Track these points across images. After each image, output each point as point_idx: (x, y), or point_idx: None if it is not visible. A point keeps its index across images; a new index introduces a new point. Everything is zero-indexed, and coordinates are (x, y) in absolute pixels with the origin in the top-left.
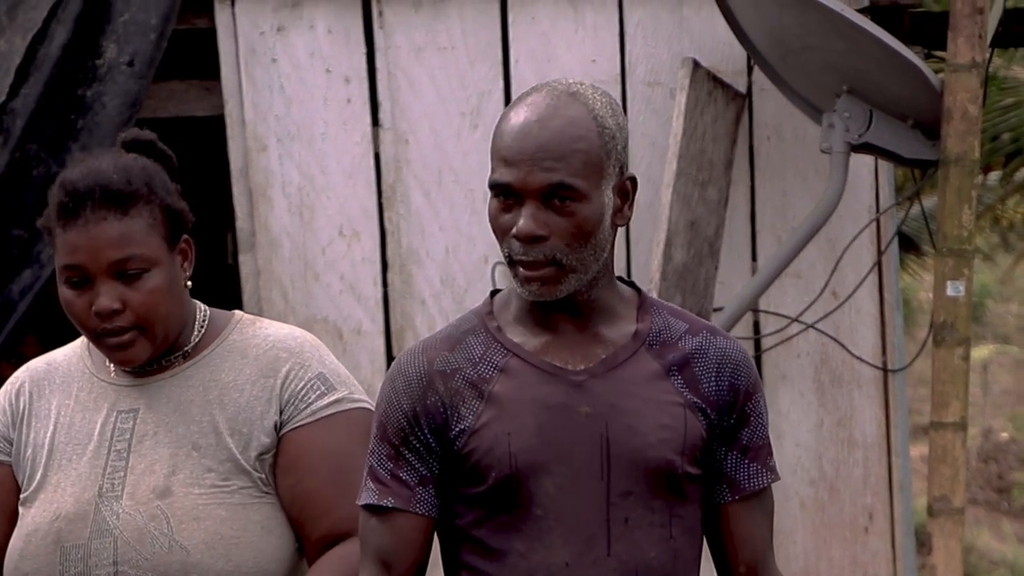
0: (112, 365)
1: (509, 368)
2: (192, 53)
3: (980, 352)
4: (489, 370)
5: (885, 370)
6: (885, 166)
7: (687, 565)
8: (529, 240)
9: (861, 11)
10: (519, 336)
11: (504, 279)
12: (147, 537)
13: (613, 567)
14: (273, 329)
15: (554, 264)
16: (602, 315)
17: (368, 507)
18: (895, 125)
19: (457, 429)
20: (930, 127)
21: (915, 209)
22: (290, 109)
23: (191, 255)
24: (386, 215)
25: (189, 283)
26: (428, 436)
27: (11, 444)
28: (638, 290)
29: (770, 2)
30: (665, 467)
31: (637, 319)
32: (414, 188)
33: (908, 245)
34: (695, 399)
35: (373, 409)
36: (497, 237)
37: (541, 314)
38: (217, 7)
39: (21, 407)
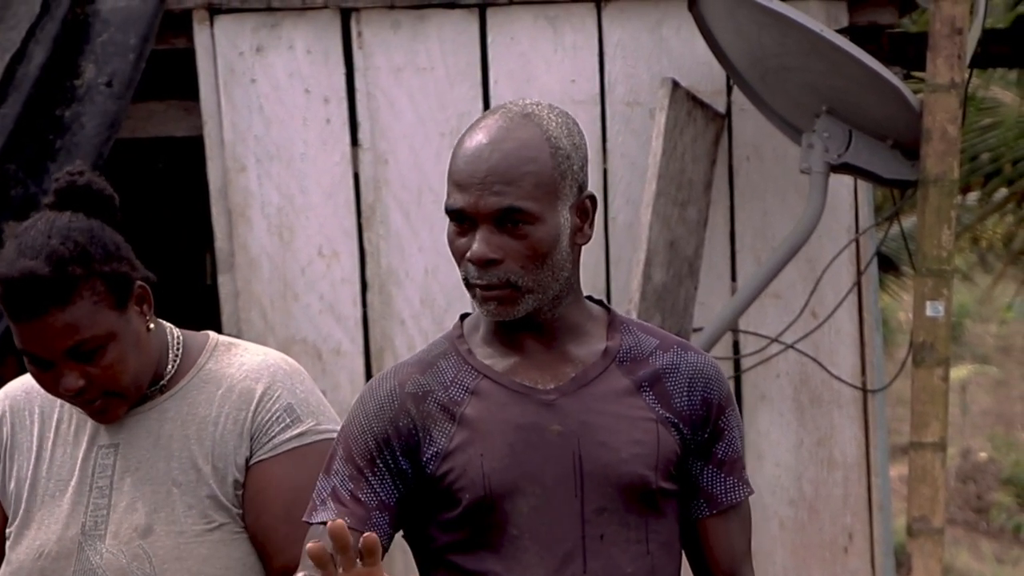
0: None
1: (480, 390)
2: (171, 73)
3: (959, 372)
4: (460, 392)
5: (864, 390)
6: (864, 186)
7: None
8: (483, 264)
9: (840, 31)
10: (489, 358)
11: None
12: None
13: None
14: (248, 357)
15: (509, 287)
16: (570, 333)
17: (324, 524)
18: (874, 145)
19: (430, 452)
20: (909, 147)
21: (894, 229)
22: (269, 129)
23: (149, 298)
24: (365, 235)
25: (152, 325)
26: (400, 459)
27: None
28: (607, 308)
29: (750, 22)
30: (639, 483)
31: (607, 337)
32: (393, 208)
33: (887, 265)
34: (667, 414)
35: None
36: (456, 260)
37: (508, 335)
38: (196, 27)
39: (4, 438)
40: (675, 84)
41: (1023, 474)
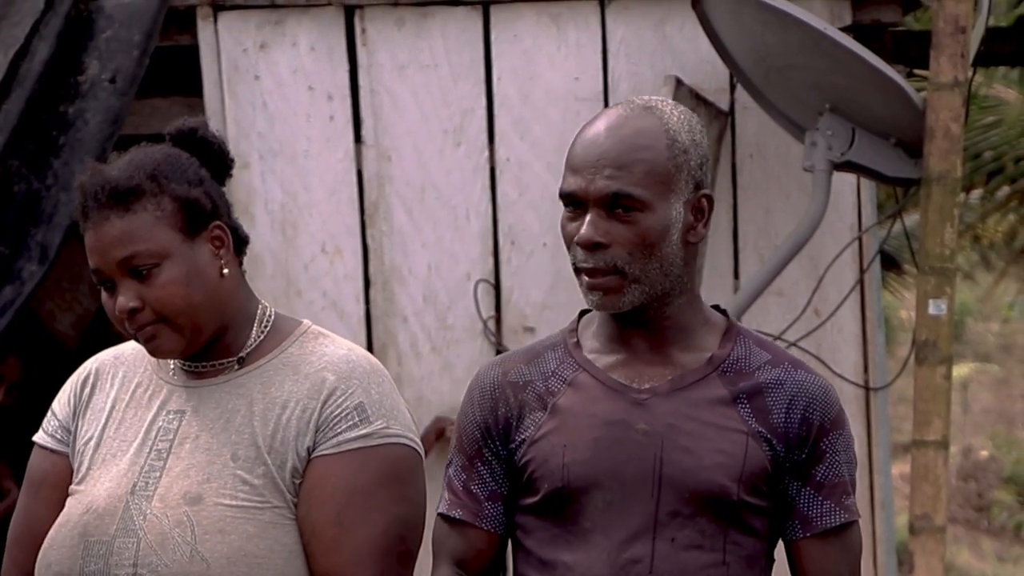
0: (172, 363)
1: (577, 382)
2: (175, 70)
3: (960, 370)
4: (558, 383)
5: (867, 388)
6: (867, 184)
7: None
8: (589, 247)
9: (844, 30)
10: (593, 352)
11: (485, 297)
12: (169, 543)
13: None
14: (331, 348)
15: (616, 273)
16: (679, 336)
17: (441, 515)
18: (877, 143)
19: (519, 439)
20: (912, 146)
21: (896, 227)
22: (273, 126)
23: (227, 240)
24: (368, 232)
25: (226, 271)
26: (500, 447)
27: (70, 434)
28: (728, 317)
29: (753, 20)
30: (717, 492)
31: (719, 345)
32: (397, 205)
33: (889, 263)
34: (761, 429)
35: (411, 444)
36: (566, 246)
37: (618, 331)
38: (200, 24)
39: (83, 399)
40: (678, 82)
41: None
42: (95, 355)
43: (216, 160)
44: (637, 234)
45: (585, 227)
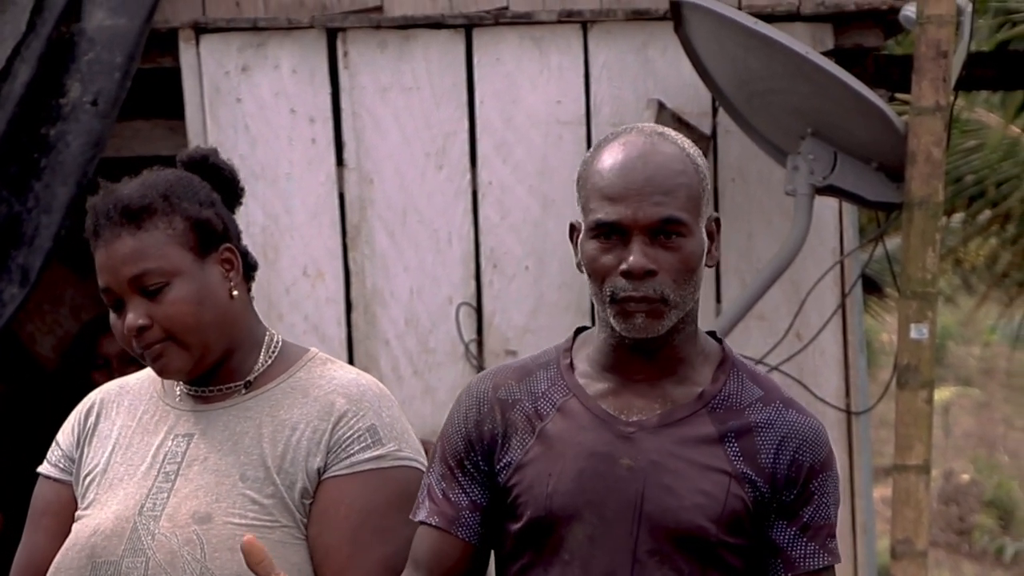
0: (178, 388)
1: (566, 408)
2: (156, 92)
3: (941, 394)
4: (547, 407)
5: (848, 412)
6: (849, 209)
7: None
8: (641, 275)
9: (826, 54)
10: (585, 377)
11: (467, 320)
12: (179, 561)
13: None
14: (340, 372)
15: (660, 300)
16: (676, 367)
17: (420, 521)
18: (859, 168)
19: (504, 460)
20: (894, 170)
21: (878, 251)
22: (255, 149)
23: (237, 263)
24: (350, 255)
25: (235, 293)
26: (481, 462)
27: (73, 463)
28: (723, 347)
29: (735, 44)
30: (696, 532)
31: (712, 379)
32: (378, 228)
33: (871, 287)
34: (746, 470)
35: (421, 468)
36: (595, 279)
37: (619, 357)
38: (182, 46)
39: (87, 428)
40: (661, 105)
41: (1005, 496)
42: (100, 386)
43: (227, 186)
44: (680, 260)
45: (635, 255)
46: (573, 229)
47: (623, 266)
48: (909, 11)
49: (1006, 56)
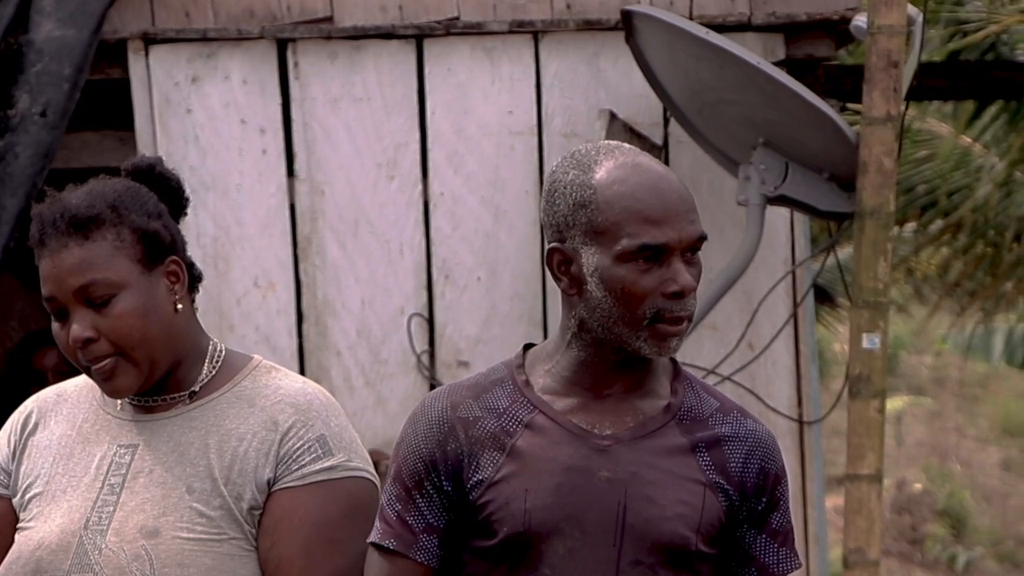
0: (119, 400)
1: (534, 424)
2: (106, 103)
3: (894, 403)
4: (513, 424)
5: (801, 422)
6: (801, 218)
7: None
8: (689, 294)
9: (777, 64)
10: (548, 393)
11: (419, 331)
12: None
13: None
14: (286, 381)
15: (689, 319)
16: (644, 382)
17: (373, 544)
18: (811, 178)
19: (475, 479)
20: (846, 180)
21: (829, 260)
22: (205, 160)
23: (183, 277)
24: (301, 266)
25: (180, 306)
26: (444, 483)
27: (10, 476)
28: (674, 361)
29: (686, 55)
30: (679, 542)
31: (671, 391)
32: (330, 239)
33: (822, 296)
34: (719, 480)
35: (371, 479)
36: (631, 303)
37: (595, 374)
38: (131, 57)
39: (23, 438)
40: (612, 116)
41: (957, 505)
42: (35, 395)
43: (173, 196)
44: (698, 275)
45: (683, 275)
46: (558, 253)
47: (673, 287)
48: (860, 21)
49: (957, 66)
